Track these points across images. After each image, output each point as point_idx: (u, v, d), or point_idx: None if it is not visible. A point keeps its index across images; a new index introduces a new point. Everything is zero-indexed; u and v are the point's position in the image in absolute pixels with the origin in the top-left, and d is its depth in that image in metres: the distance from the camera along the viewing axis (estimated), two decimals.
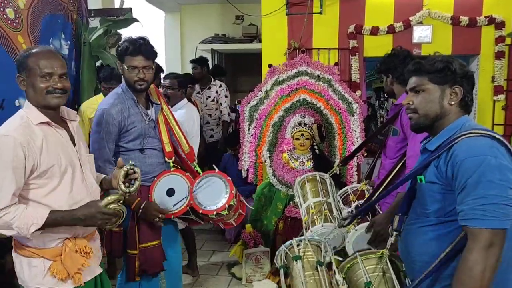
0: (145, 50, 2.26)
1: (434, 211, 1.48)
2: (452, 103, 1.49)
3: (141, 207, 2.25)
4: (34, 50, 1.71)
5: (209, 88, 5.02)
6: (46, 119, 1.70)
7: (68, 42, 3.26)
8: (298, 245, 1.86)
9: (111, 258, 2.29)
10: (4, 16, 2.42)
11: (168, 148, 2.40)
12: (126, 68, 2.27)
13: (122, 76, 2.37)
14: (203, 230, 4.67)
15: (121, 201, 1.75)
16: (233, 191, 2.34)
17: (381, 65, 2.60)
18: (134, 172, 1.83)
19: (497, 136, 1.39)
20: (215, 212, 2.30)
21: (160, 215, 2.26)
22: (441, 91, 1.50)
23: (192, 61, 5.14)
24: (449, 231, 1.44)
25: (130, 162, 1.86)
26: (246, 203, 2.59)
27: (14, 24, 2.49)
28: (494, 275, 1.31)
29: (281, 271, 1.80)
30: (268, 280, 3.37)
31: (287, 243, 1.88)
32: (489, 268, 1.29)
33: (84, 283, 1.74)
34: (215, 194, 2.35)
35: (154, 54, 2.35)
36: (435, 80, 1.50)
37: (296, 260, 1.79)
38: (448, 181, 1.41)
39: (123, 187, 1.79)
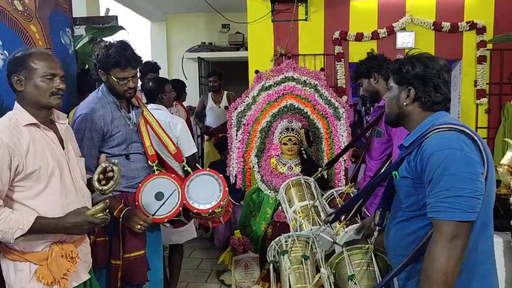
0: (134, 61, 2.24)
1: (409, 205, 1.50)
2: (405, 103, 1.54)
3: (122, 215, 2.16)
4: (33, 51, 1.73)
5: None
6: (35, 121, 1.70)
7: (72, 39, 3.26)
8: (286, 241, 1.90)
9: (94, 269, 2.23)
10: (14, 7, 2.43)
11: (150, 151, 2.37)
12: (115, 80, 2.22)
13: (104, 82, 2.30)
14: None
15: (107, 210, 1.75)
16: (226, 188, 2.32)
17: (359, 69, 2.64)
18: (112, 170, 1.82)
19: (465, 130, 1.40)
20: (210, 211, 2.27)
21: (141, 223, 2.15)
22: (398, 91, 1.56)
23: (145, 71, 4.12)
24: (424, 224, 1.45)
25: (113, 160, 1.86)
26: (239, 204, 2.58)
27: (25, 14, 2.50)
28: (459, 267, 1.32)
29: (271, 266, 1.84)
30: (258, 286, 3.36)
31: (277, 239, 1.93)
32: (453, 260, 1.30)
33: None
34: (208, 192, 2.33)
35: (141, 62, 2.34)
36: (396, 80, 1.58)
37: (283, 255, 1.82)
38: (418, 174, 1.43)
39: (97, 184, 1.80)
